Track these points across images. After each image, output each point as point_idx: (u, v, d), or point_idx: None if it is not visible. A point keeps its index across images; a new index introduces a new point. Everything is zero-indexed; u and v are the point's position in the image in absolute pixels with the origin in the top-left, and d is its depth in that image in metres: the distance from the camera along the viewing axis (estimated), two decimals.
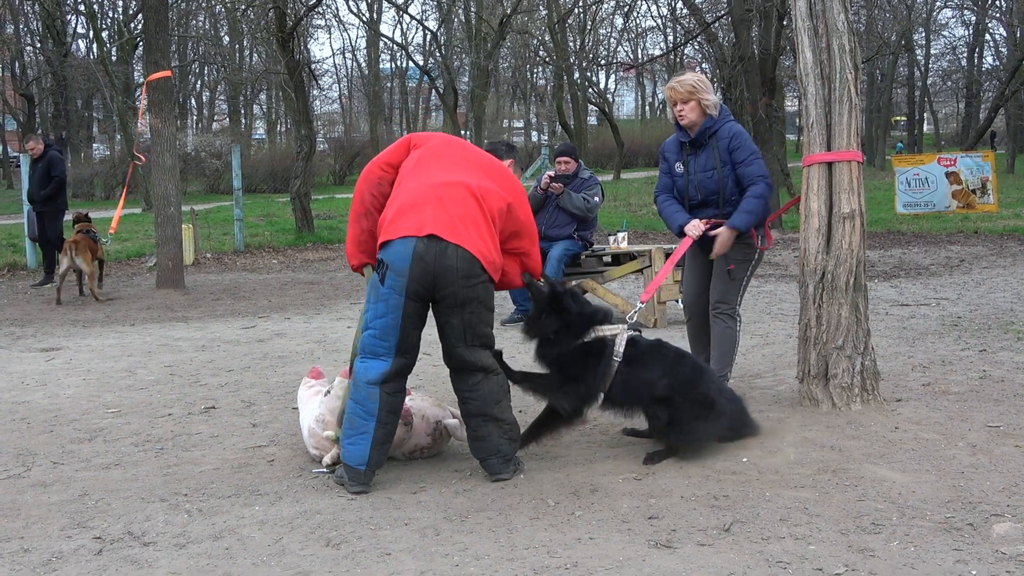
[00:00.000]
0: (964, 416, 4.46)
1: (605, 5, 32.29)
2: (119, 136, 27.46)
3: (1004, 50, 35.10)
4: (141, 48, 22.95)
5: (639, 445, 4.19)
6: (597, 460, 4.04)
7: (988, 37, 37.38)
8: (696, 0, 20.14)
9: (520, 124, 48.86)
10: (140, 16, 24.42)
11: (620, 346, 3.98)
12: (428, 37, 36.07)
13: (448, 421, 4.14)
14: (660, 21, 39.30)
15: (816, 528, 3.21)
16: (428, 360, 5.52)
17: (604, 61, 37.60)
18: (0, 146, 38.08)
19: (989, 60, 38.05)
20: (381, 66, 42.58)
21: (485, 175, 3.91)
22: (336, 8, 40.12)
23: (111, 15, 33.14)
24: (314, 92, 35.21)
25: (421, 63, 36.55)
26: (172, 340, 7.50)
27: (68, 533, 3.38)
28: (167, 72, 10.64)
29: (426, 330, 3.82)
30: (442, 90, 29.94)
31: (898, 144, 41.43)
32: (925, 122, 44.70)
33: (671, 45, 34.44)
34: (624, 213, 18.72)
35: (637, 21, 38.79)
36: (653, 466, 3.90)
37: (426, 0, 44.14)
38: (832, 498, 3.48)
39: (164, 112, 10.56)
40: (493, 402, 3.79)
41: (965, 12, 34.35)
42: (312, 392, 4.35)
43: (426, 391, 4.96)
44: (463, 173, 3.85)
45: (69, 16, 32.66)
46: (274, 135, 44.51)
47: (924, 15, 33.02)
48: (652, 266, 7.66)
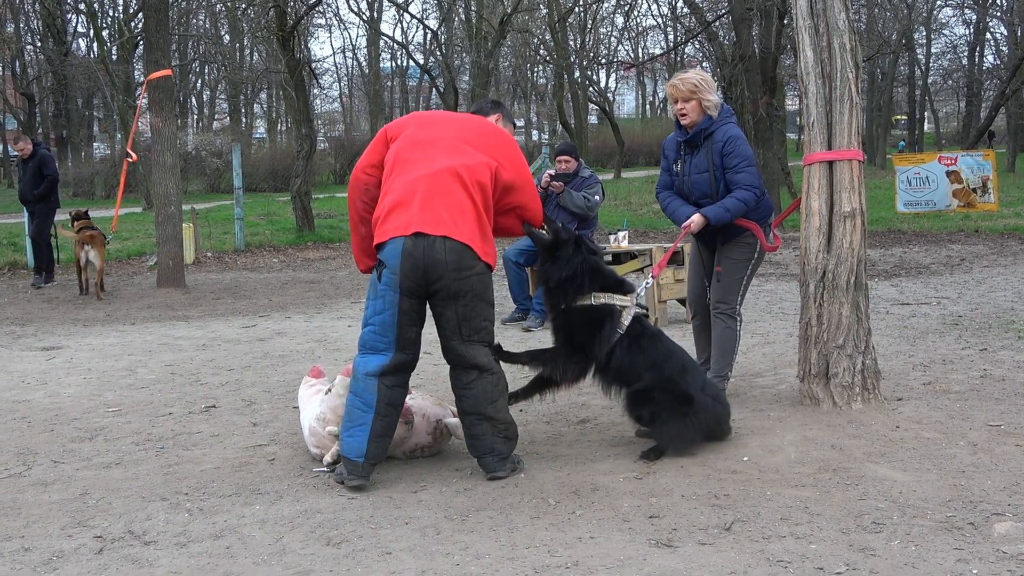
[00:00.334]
0: (965, 415, 4.47)
1: (606, 4, 32.29)
2: (120, 135, 27.44)
3: (1005, 49, 35.06)
4: (141, 47, 22.87)
5: (640, 445, 4.17)
6: (598, 459, 4.04)
7: (989, 36, 37.33)
8: None
9: (521, 123, 48.67)
10: (140, 15, 24.37)
11: (626, 319, 4.00)
12: (429, 36, 36.03)
13: (449, 420, 4.13)
14: (660, 20, 39.39)
15: (817, 527, 3.21)
16: (429, 359, 5.50)
17: (605, 60, 37.52)
18: (0, 145, 38.07)
19: (990, 59, 38.02)
20: (381, 65, 42.57)
21: (468, 145, 3.84)
22: (336, 7, 39.98)
23: (111, 14, 33.11)
24: (315, 91, 35.17)
25: (422, 62, 36.48)
26: (173, 339, 7.50)
27: (69, 532, 3.38)
28: (167, 71, 10.62)
29: (428, 329, 3.82)
30: (443, 89, 29.85)
31: (900, 143, 41.32)
32: (926, 121, 44.58)
33: (672, 44, 34.42)
34: (625, 212, 18.69)
35: (637, 20, 38.82)
36: (654, 465, 3.90)
37: None
38: (833, 497, 3.47)
39: (165, 111, 10.55)
40: (487, 401, 3.79)
41: (966, 11, 34.25)
42: (313, 391, 4.35)
43: (427, 390, 4.96)
44: (443, 156, 3.80)
45: (70, 15, 32.70)
46: (275, 134, 44.50)
47: (925, 14, 32.89)
48: (652, 265, 7.63)
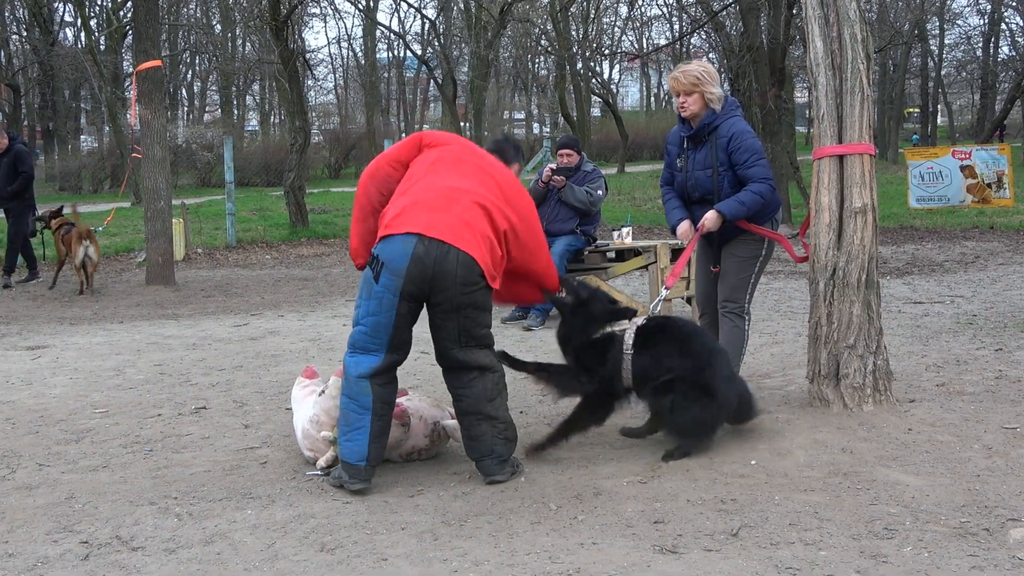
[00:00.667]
0: (979, 417, 4.40)
1: None
2: (108, 128, 27.27)
3: (1020, 40, 34.55)
4: (130, 37, 22.73)
5: (643, 447, 4.14)
6: (600, 462, 3.99)
7: (1004, 26, 36.13)
8: None
9: (521, 116, 48.47)
10: (129, 3, 24.23)
11: (629, 338, 4.02)
12: (426, 26, 35.89)
13: (446, 422, 4.09)
14: (666, 10, 38.53)
15: (827, 533, 3.16)
16: (426, 359, 5.46)
17: (608, 51, 37.25)
18: None
19: (1005, 50, 36.95)
20: (378, 56, 42.21)
21: (499, 190, 3.87)
22: None
23: (99, 3, 32.79)
24: (309, 82, 35.13)
25: (419, 52, 36.22)
26: (162, 338, 7.43)
27: (54, 537, 3.33)
28: (157, 62, 10.54)
29: (422, 328, 3.77)
30: (441, 80, 29.75)
31: (914, 136, 41.15)
32: (939, 114, 43.96)
33: (677, 34, 34.09)
34: (628, 207, 18.55)
35: (642, 9, 38.20)
36: (658, 469, 3.85)
37: None
38: (843, 502, 3.43)
39: (154, 103, 10.48)
40: (486, 400, 3.75)
41: (980, 1, 33.95)
42: (306, 392, 4.30)
43: (423, 391, 4.91)
44: (477, 184, 3.83)
45: (56, 3, 32.46)
46: (267, 127, 44.25)
47: (938, 3, 32.01)
48: (657, 262, 7.54)
